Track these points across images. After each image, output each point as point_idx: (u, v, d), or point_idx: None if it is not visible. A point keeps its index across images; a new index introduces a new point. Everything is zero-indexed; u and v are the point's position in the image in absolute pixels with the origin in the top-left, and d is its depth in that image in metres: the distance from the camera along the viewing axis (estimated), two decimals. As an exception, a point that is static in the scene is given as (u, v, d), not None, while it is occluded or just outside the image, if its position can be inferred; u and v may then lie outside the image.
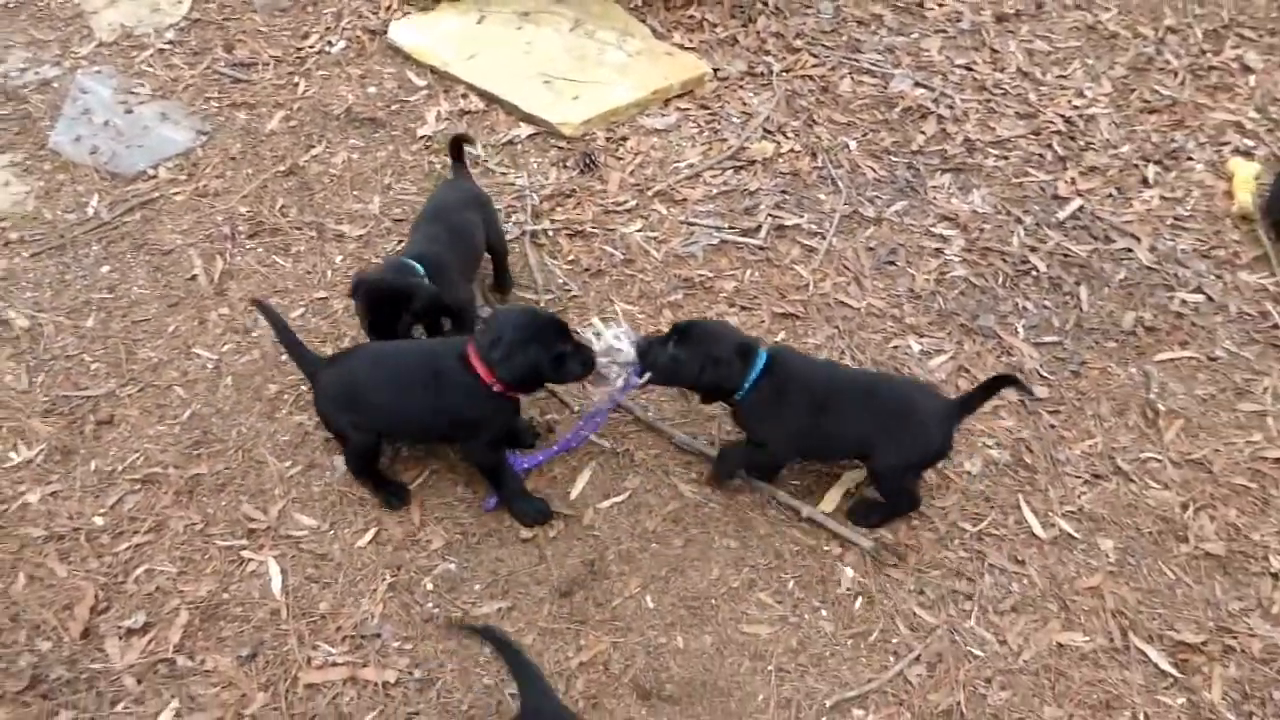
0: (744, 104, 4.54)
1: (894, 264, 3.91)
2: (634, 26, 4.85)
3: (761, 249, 3.93)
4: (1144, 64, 4.85)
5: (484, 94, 4.50)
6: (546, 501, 3.10)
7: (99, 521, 3.06)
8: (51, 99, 4.45)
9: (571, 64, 4.59)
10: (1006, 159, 4.36)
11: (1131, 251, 3.99)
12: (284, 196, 4.08)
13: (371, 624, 2.85)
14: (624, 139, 4.36)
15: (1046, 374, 3.55)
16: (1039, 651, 2.87)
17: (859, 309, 3.74)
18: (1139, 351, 3.65)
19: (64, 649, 2.78)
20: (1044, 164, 4.35)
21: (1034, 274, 3.90)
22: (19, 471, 3.18)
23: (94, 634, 2.81)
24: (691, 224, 4.02)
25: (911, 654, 2.85)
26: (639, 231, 3.98)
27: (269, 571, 2.96)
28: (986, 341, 3.63)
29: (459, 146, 3.66)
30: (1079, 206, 4.15)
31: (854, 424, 2.95)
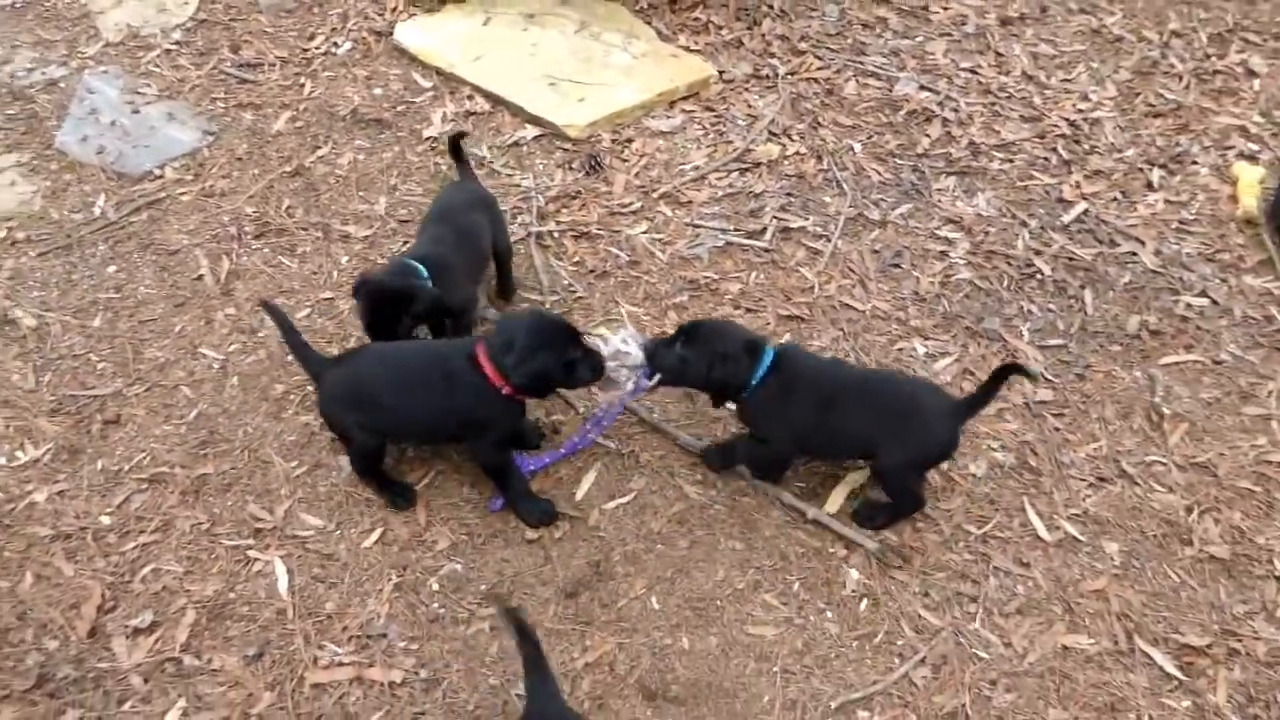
0: (749, 106, 4.55)
1: (899, 267, 3.92)
2: (639, 29, 4.85)
3: (766, 251, 3.94)
4: (1149, 68, 4.86)
5: (489, 95, 4.51)
6: (552, 502, 3.10)
7: (106, 521, 3.06)
8: (58, 99, 4.47)
9: (577, 66, 4.60)
10: (1011, 162, 4.37)
11: (1136, 255, 4.00)
12: (290, 197, 4.08)
13: (377, 624, 2.86)
14: (629, 141, 4.36)
15: (1051, 377, 3.55)
16: (1044, 654, 2.87)
17: (864, 311, 3.74)
18: (1144, 355, 3.65)
19: (71, 648, 2.78)
20: (1049, 167, 4.35)
21: (1039, 277, 3.90)
22: (26, 470, 3.18)
23: (101, 633, 2.82)
24: (697, 226, 4.02)
25: (916, 656, 2.85)
26: (644, 233, 3.99)
27: (275, 571, 2.96)
28: (991, 344, 3.64)
29: (458, 147, 3.65)
30: (1084, 210, 4.16)
31: (860, 421, 2.96)
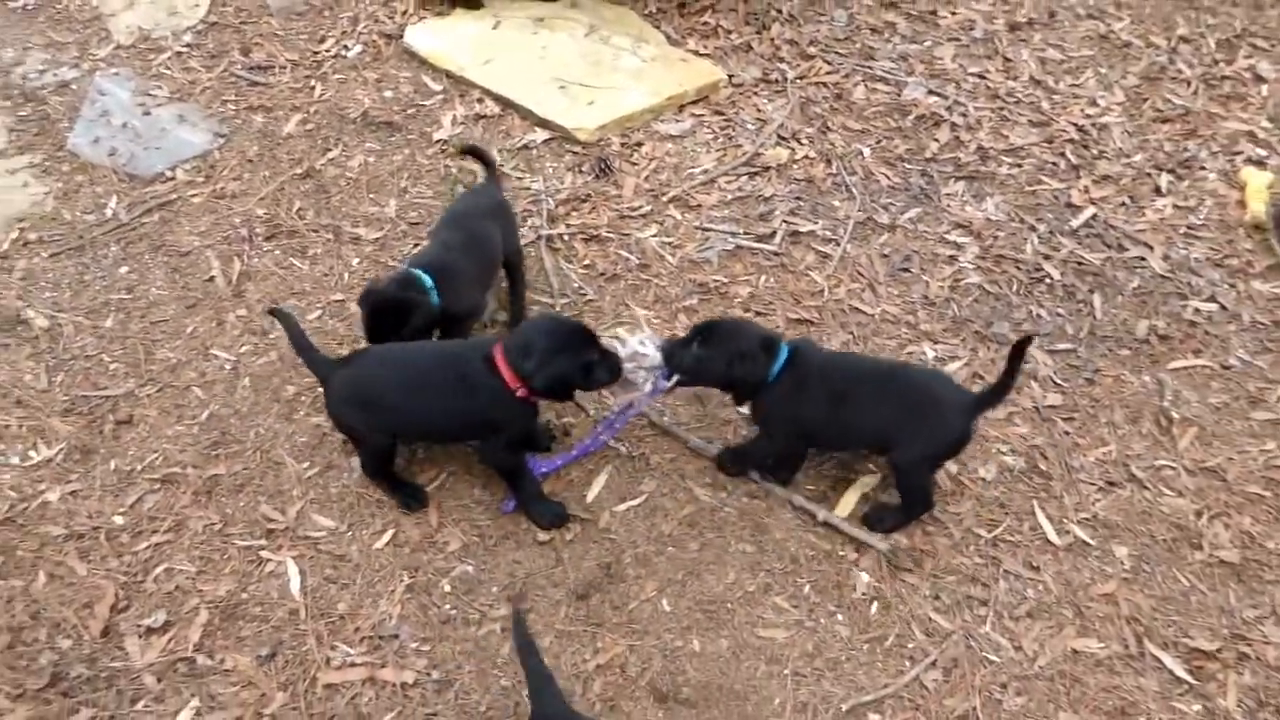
0: (758, 110, 4.56)
1: (908, 271, 3.93)
2: (648, 33, 4.87)
3: (776, 255, 3.95)
4: (1157, 73, 4.86)
5: (499, 99, 4.52)
6: (563, 505, 3.11)
7: (119, 520, 3.07)
8: (70, 101, 4.48)
9: (586, 69, 4.61)
10: (1020, 167, 4.38)
11: (1145, 260, 4.01)
12: (301, 199, 4.10)
13: (389, 625, 2.87)
14: (639, 144, 4.38)
15: (1060, 381, 3.56)
16: (1054, 657, 2.87)
17: (874, 315, 3.75)
18: (1153, 360, 3.66)
19: (84, 647, 2.79)
20: (1057, 172, 4.36)
21: (1048, 281, 3.91)
22: (39, 470, 3.19)
23: (114, 632, 2.83)
24: (706, 229, 4.03)
25: (927, 659, 2.86)
26: (654, 237, 4.00)
27: (288, 572, 2.97)
28: (1001, 348, 3.64)
29: (483, 156, 3.76)
30: (1092, 215, 4.17)
31: (875, 414, 2.97)
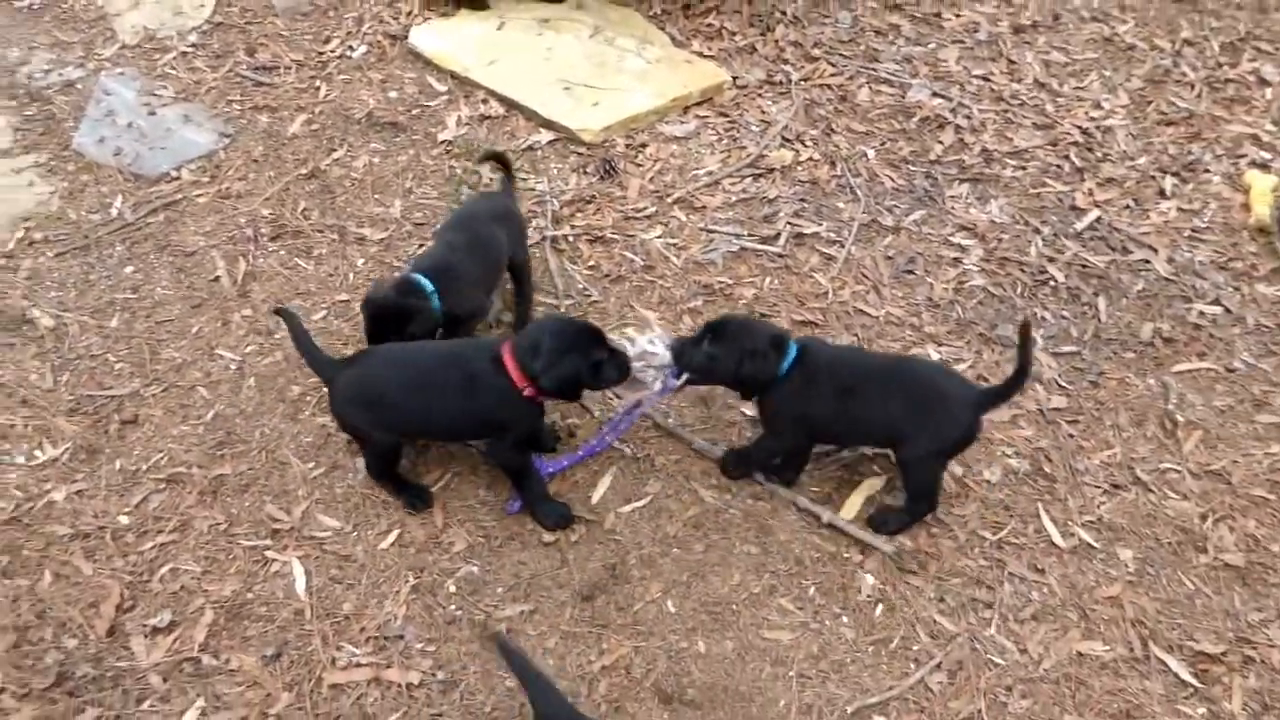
0: (763, 112, 4.56)
1: (912, 273, 3.93)
2: (653, 34, 4.87)
3: (780, 256, 3.95)
4: (1161, 76, 4.87)
5: (504, 100, 4.52)
6: (569, 505, 3.11)
7: (124, 520, 3.07)
8: (75, 100, 4.49)
9: (591, 71, 4.61)
10: (1024, 169, 4.38)
11: (1149, 263, 4.01)
12: (306, 199, 4.10)
13: (395, 625, 2.86)
14: (643, 146, 4.38)
15: (1065, 384, 3.56)
16: (1059, 660, 2.88)
17: (878, 317, 3.75)
18: (1157, 362, 3.66)
19: (90, 646, 2.79)
20: (1061, 175, 4.37)
21: (1052, 284, 3.91)
22: (44, 470, 3.19)
23: (120, 632, 2.83)
24: (711, 231, 4.04)
25: (932, 661, 2.86)
26: (659, 238, 4.00)
27: (293, 572, 2.97)
28: (1005, 351, 3.64)
29: (505, 163, 3.80)
30: (1096, 217, 4.17)
31: (883, 409, 2.97)
